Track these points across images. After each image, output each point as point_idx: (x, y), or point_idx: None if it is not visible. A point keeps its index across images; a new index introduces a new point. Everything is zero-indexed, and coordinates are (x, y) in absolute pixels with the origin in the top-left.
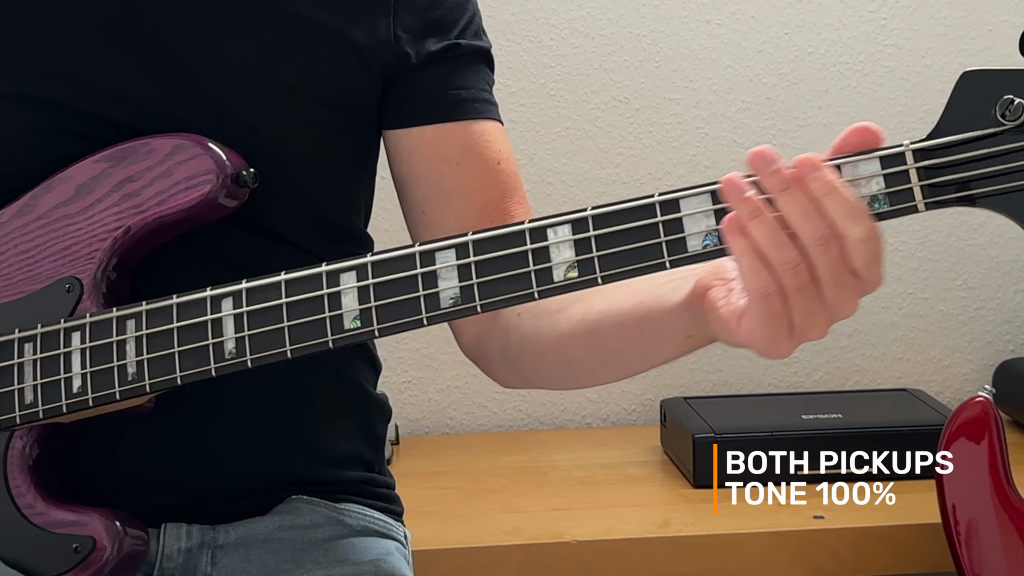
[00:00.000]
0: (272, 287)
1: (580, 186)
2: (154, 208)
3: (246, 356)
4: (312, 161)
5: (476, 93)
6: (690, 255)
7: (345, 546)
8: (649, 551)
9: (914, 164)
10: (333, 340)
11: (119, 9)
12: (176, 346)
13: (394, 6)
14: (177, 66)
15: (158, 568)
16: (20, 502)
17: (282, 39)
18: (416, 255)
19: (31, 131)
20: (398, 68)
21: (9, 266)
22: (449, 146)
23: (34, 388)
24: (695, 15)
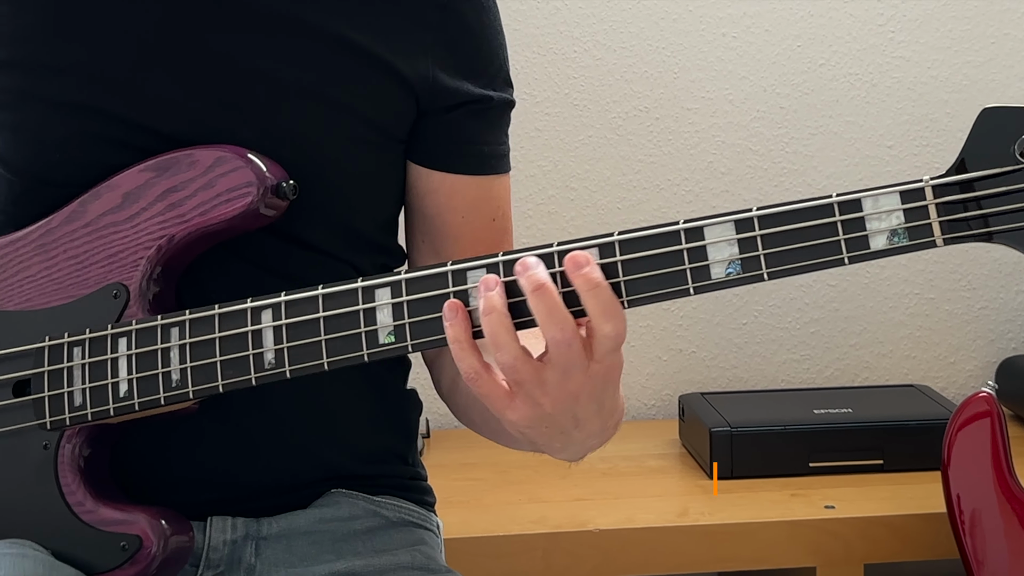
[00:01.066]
0: (309, 301)
1: (602, 191)
2: (197, 218)
3: (285, 367)
4: (351, 177)
5: (495, 148)
6: (713, 282)
7: (382, 536)
8: (668, 539)
9: (933, 200)
10: (368, 354)
11: (172, 22)
12: (218, 355)
13: (432, 45)
14: (226, 80)
15: (205, 559)
16: (71, 500)
17: (329, 59)
18: (448, 274)
19: (81, 138)
20: (432, 102)
21: (58, 270)
22: (460, 198)
23: (83, 391)
24: (712, 28)
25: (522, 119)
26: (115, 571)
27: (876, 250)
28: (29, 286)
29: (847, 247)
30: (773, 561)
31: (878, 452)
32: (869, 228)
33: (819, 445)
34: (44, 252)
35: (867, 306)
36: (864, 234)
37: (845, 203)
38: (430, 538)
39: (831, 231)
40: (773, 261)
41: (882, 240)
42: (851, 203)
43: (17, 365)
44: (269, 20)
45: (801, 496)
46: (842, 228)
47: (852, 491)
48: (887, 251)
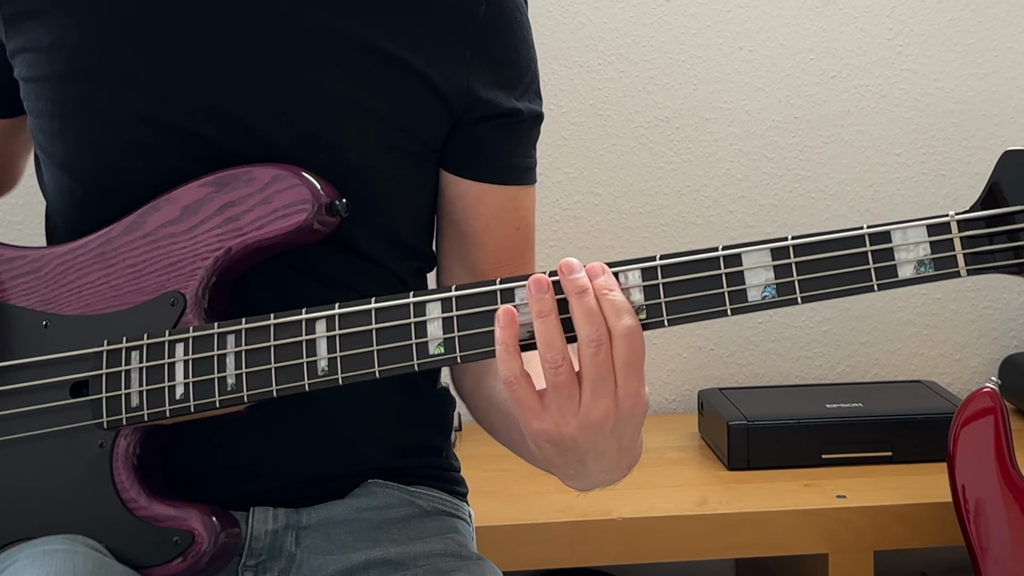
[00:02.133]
0: (363, 313)
1: (625, 197)
2: (253, 232)
3: (337, 375)
4: (389, 183)
5: (522, 161)
6: (750, 305)
7: (417, 525)
8: (688, 527)
9: (958, 233)
10: (418, 364)
11: (227, 36)
12: (272, 362)
13: (470, 59)
14: (276, 93)
15: (247, 548)
16: (125, 496)
17: (371, 74)
18: (497, 292)
19: (139, 146)
20: (466, 113)
21: (117, 278)
22: (486, 205)
23: (140, 394)
24: (729, 42)
25: (549, 128)
26: (167, 565)
27: (904, 279)
28: (88, 292)
29: (876, 275)
30: (787, 548)
31: (887, 444)
32: (898, 258)
33: (831, 438)
34: (103, 260)
35: (876, 306)
36: (892, 264)
37: (875, 235)
38: (462, 526)
39: (862, 260)
40: (807, 287)
41: (909, 270)
42: (881, 235)
43: (75, 367)
44: (315, 35)
45: (814, 486)
46: (872, 258)
47: (862, 481)
48: (914, 280)
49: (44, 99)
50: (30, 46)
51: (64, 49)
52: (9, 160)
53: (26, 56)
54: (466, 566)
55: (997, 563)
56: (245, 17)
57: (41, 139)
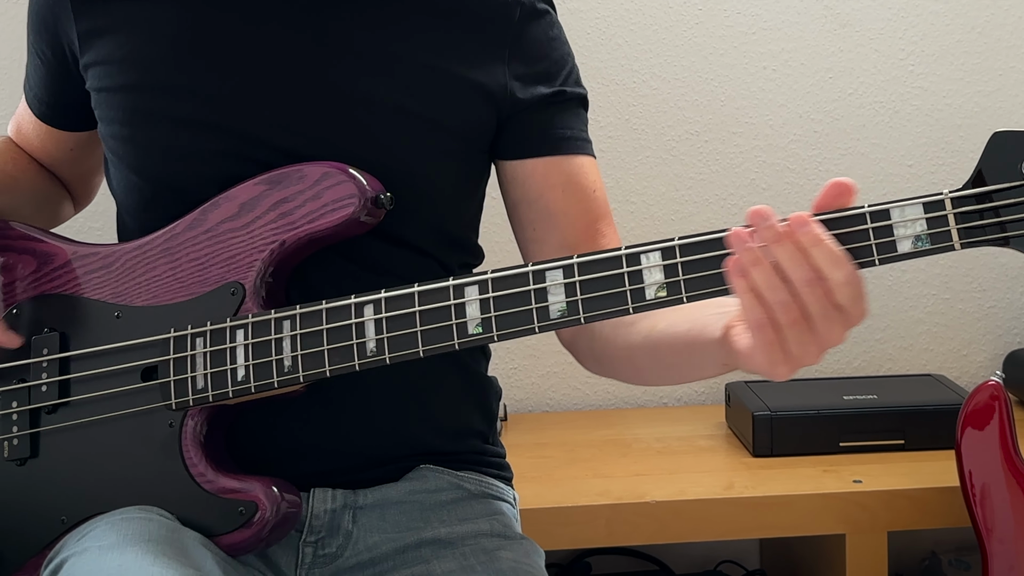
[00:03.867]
0: (407, 297)
1: (658, 205)
2: (305, 225)
3: (385, 355)
4: (439, 183)
5: (577, 132)
6: None
7: (465, 507)
8: (715, 509)
9: (952, 210)
10: (458, 343)
11: (282, 52)
12: (325, 344)
13: (509, 59)
14: (330, 101)
15: (308, 526)
16: (193, 471)
17: (419, 81)
18: (529, 274)
19: (203, 152)
20: (512, 109)
21: (182, 271)
22: (556, 175)
23: (205, 376)
24: (754, 62)
25: None
26: (233, 533)
27: (902, 253)
28: (155, 285)
29: (878, 251)
30: (808, 529)
31: (900, 433)
32: (896, 234)
33: (848, 427)
34: (169, 255)
35: (890, 305)
36: (892, 239)
37: (875, 213)
38: (507, 508)
39: (864, 237)
40: None
41: (908, 244)
42: (881, 213)
43: (145, 353)
44: (367, 50)
45: (832, 472)
46: (873, 234)
47: (877, 467)
48: (912, 254)
49: (115, 108)
50: (102, 59)
51: (133, 62)
52: (86, 175)
53: (98, 69)
54: (510, 545)
55: (1001, 543)
56: (303, 34)
57: (112, 144)
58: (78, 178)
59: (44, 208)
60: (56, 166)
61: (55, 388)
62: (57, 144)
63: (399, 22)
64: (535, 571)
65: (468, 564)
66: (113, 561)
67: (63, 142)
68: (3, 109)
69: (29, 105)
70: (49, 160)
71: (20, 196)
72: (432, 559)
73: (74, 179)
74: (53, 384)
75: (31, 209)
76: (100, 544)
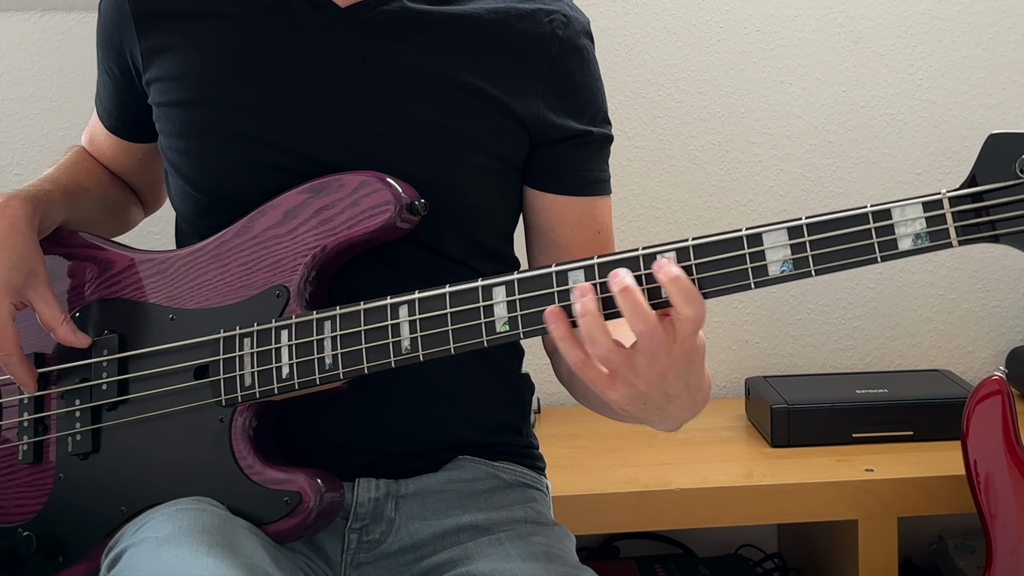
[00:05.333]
0: (439, 298)
1: (682, 211)
2: (345, 231)
3: (418, 352)
4: (476, 197)
5: (597, 174)
6: (770, 278)
7: (501, 495)
8: (736, 496)
9: (949, 209)
10: (487, 340)
11: (330, 71)
12: (364, 343)
13: (543, 90)
14: (374, 117)
15: (353, 513)
16: (242, 463)
17: (459, 102)
18: (553, 275)
19: (253, 164)
20: (543, 137)
21: (231, 275)
22: (570, 213)
23: (252, 374)
24: (772, 76)
25: (615, 151)
26: (279, 522)
27: (903, 251)
28: (206, 288)
29: (879, 248)
30: (822, 514)
31: (909, 425)
32: (897, 232)
33: (860, 419)
34: (219, 260)
35: (900, 305)
36: (893, 238)
37: (877, 212)
38: (540, 496)
39: (866, 236)
40: (819, 261)
41: (908, 242)
42: (882, 212)
43: (197, 353)
44: (412, 72)
45: (845, 461)
46: (875, 233)
47: (888, 457)
48: (912, 251)
49: (173, 122)
50: (163, 76)
51: (191, 79)
52: (154, 182)
53: (159, 84)
54: (543, 531)
55: (1005, 528)
56: (352, 56)
57: (170, 156)
58: (147, 185)
59: (112, 214)
60: (126, 174)
61: (115, 386)
62: (126, 154)
63: (442, 46)
64: (566, 555)
65: (503, 548)
66: (169, 552)
67: (132, 152)
68: (79, 119)
69: (100, 118)
70: (120, 169)
71: (90, 204)
72: (470, 544)
73: (143, 186)
74: (113, 383)
75: (100, 215)
76: (157, 535)
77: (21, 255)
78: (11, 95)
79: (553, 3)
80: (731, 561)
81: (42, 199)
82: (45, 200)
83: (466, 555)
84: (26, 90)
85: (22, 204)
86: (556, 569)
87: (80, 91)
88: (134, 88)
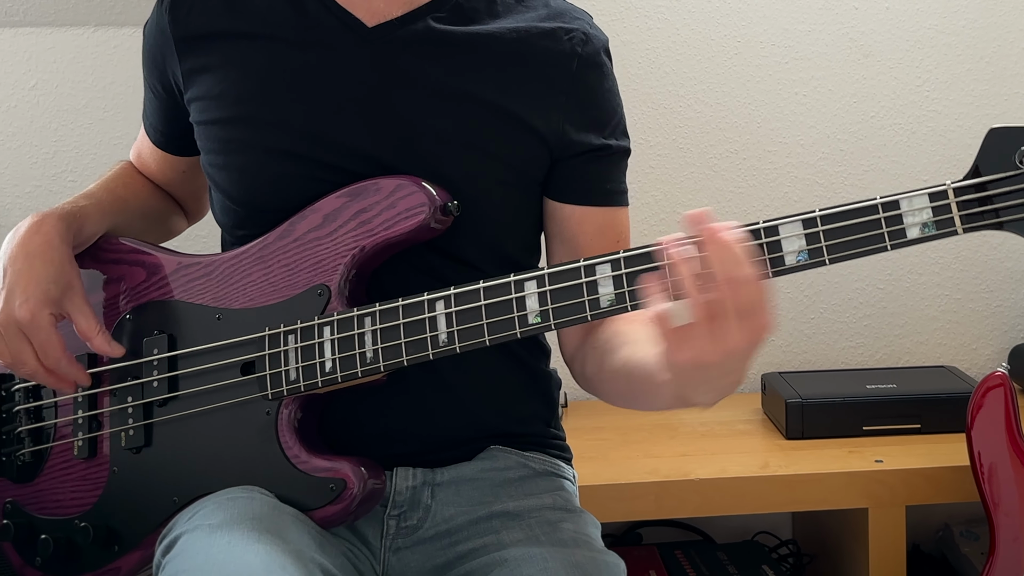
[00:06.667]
0: (474, 293)
1: None
2: (382, 232)
3: (455, 344)
4: (498, 211)
5: (616, 185)
6: (787, 268)
7: (530, 483)
8: (753, 486)
9: (954, 199)
10: (520, 332)
11: (364, 89)
12: (403, 337)
13: (564, 105)
14: (404, 133)
15: (391, 501)
16: (288, 453)
17: (483, 121)
18: (581, 268)
19: (289, 177)
20: (563, 151)
21: (274, 276)
22: (590, 223)
23: (297, 369)
24: (787, 88)
25: (639, 159)
26: (324, 508)
27: (911, 239)
28: (251, 289)
29: (889, 237)
30: (834, 503)
31: (917, 418)
32: (906, 222)
33: (870, 413)
34: (263, 262)
35: (908, 304)
36: (902, 227)
37: (886, 203)
38: (568, 485)
39: (876, 226)
40: (833, 250)
41: (916, 231)
42: (891, 203)
43: (243, 351)
44: (437, 90)
45: (856, 453)
46: (885, 223)
47: (896, 449)
48: (920, 239)
49: (213, 139)
50: (202, 95)
51: (228, 98)
52: (197, 193)
53: (199, 103)
54: (570, 517)
55: (1007, 516)
56: (379, 74)
57: (211, 171)
58: (190, 195)
59: (154, 224)
60: (171, 186)
61: (165, 384)
62: (171, 167)
63: (465, 64)
64: (592, 540)
65: (533, 534)
66: (221, 539)
67: (176, 165)
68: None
69: (146, 132)
70: (164, 181)
71: (131, 214)
72: (501, 529)
73: (186, 196)
74: (163, 380)
75: (142, 225)
76: (209, 523)
77: (58, 269)
78: (66, 106)
79: (573, 22)
80: (748, 547)
81: (75, 215)
82: (79, 216)
83: (498, 540)
84: (80, 101)
85: (56, 222)
86: (583, 554)
87: (130, 103)
88: (177, 106)
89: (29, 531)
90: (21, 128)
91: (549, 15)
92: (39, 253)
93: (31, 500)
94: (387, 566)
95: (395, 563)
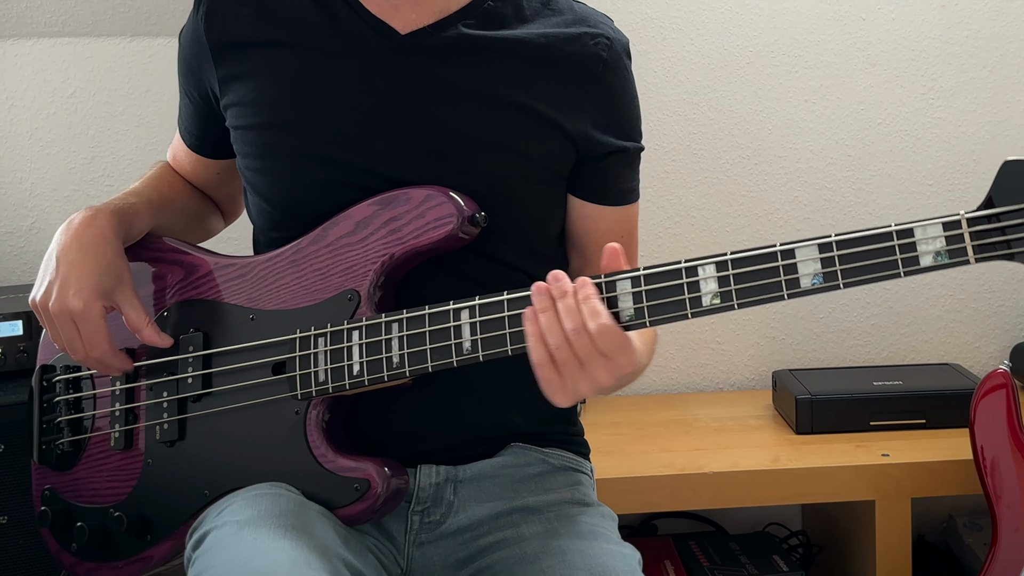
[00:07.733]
0: (498, 303)
1: (715, 218)
2: (412, 240)
3: (479, 353)
4: (527, 207)
5: (630, 184)
6: (802, 290)
7: (549, 479)
8: (764, 479)
9: (967, 229)
10: None
11: (394, 95)
12: (428, 344)
13: (589, 106)
14: (436, 136)
15: (415, 497)
16: (316, 452)
17: (514, 120)
18: (602, 284)
19: (322, 181)
20: (588, 151)
21: (307, 279)
22: (604, 221)
23: (326, 371)
24: (797, 96)
25: (654, 164)
26: (350, 506)
27: (924, 267)
28: (283, 291)
29: (903, 264)
30: (842, 496)
31: (922, 414)
32: (919, 250)
33: (877, 409)
34: (295, 266)
35: (913, 304)
36: (915, 255)
37: (901, 231)
38: (585, 480)
39: (890, 252)
40: (847, 275)
41: (929, 259)
42: (905, 231)
43: (275, 351)
44: (469, 92)
45: (863, 447)
46: (899, 250)
47: (902, 443)
48: (932, 267)
49: (248, 144)
50: (238, 101)
51: (263, 104)
52: (232, 194)
53: (235, 109)
54: (588, 511)
55: (1009, 508)
56: (414, 81)
57: (247, 174)
58: (226, 197)
59: (195, 223)
60: (207, 188)
61: (199, 380)
62: (206, 169)
63: (496, 68)
64: (609, 533)
65: (552, 528)
66: (249, 535)
67: (211, 168)
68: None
69: (181, 136)
70: (200, 183)
71: (175, 214)
72: (522, 524)
73: (222, 198)
74: (198, 377)
75: (184, 224)
76: (238, 519)
77: (110, 262)
78: (103, 113)
79: (597, 26)
80: (759, 538)
81: (127, 211)
82: (130, 212)
83: (518, 534)
84: (117, 108)
85: (108, 217)
86: (600, 546)
87: (165, 110)
88: (212, 111)
89: (66, 518)
90: (60, 134)
91: (575, 20)
92: (92, 246)
93: (69, 488)
94: (411, 560)
95: (418, 557)
